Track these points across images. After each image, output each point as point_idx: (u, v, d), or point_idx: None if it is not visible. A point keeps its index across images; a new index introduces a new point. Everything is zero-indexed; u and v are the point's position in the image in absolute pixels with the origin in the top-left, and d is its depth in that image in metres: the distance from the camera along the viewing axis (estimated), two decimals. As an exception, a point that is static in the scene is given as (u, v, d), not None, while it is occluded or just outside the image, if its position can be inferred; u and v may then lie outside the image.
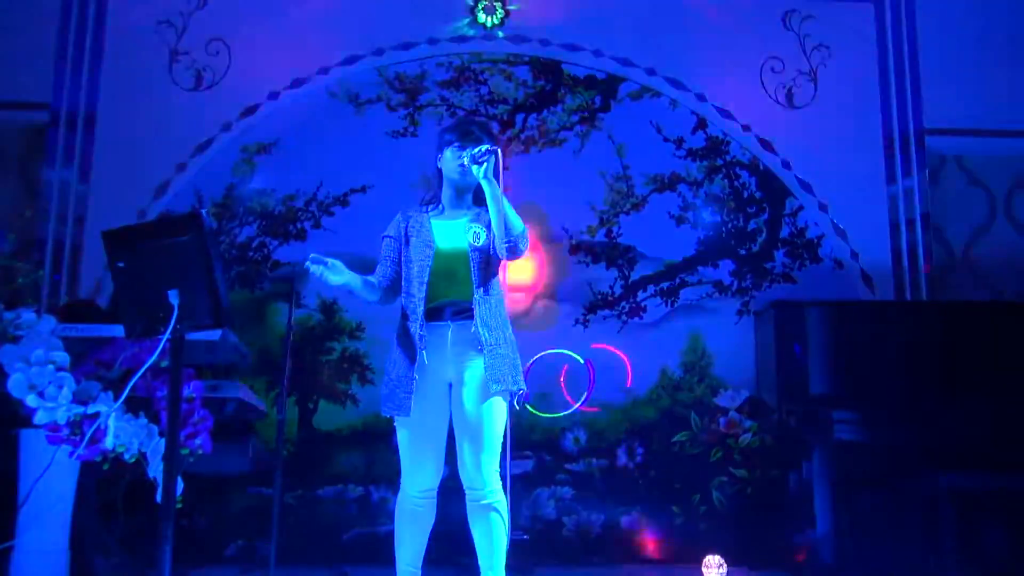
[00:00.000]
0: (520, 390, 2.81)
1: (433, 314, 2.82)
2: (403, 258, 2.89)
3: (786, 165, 5.34)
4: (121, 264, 2.47)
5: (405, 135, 5.28)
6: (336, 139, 5.24)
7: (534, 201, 5.15)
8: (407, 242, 2.88)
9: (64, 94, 5.18)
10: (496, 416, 2.76)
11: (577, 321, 5.15)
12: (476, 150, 2.74)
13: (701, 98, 5.38)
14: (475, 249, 2.83)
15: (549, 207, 5.22)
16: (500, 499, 2.76)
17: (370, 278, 2.93)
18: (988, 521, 4.46)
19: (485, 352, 2.76)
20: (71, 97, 5.17)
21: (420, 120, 5.29)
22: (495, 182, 2.73)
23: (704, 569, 4.25)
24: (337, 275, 2.77)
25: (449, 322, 2.81)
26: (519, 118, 5.37)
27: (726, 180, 5.37)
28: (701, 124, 5.40)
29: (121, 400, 2.66)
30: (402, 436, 2.83)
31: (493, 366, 2.75)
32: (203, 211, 2.33)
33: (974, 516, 4.37)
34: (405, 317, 2.87)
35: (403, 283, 2.89)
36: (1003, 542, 4.44)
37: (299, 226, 5.15)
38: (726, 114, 5.38)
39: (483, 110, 5.34)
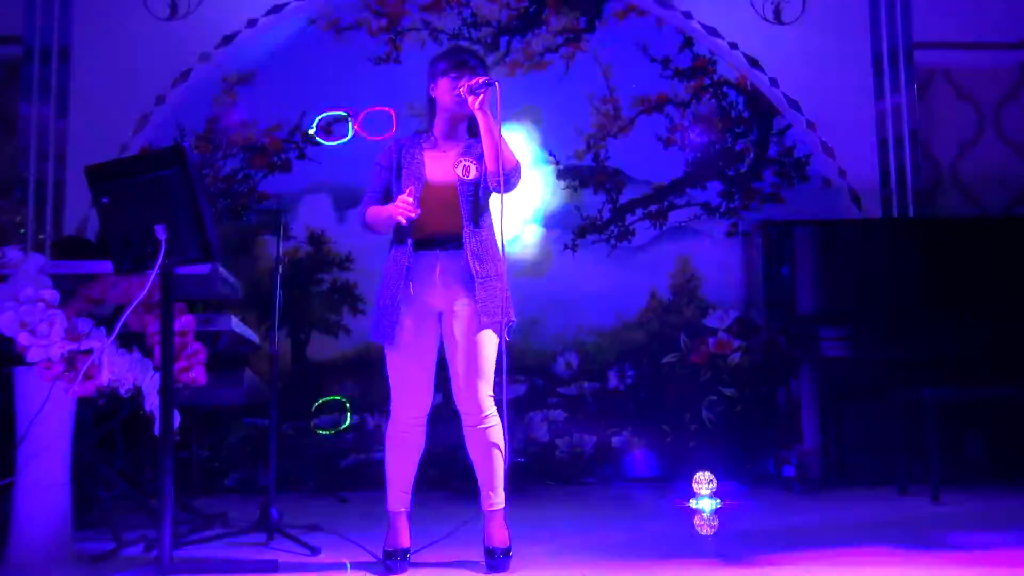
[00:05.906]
0: (511, 322, 2.84)
1: (422, 244, 2.82)
2: (393, 188, 2.88)
3: (774, 83, 5.29)
4: (106, 200, 2.46)
5: (388, 61, 5.19)
6: (318, 67, 5.14)
7: (519, 124, 5.12)
8: (398, 173, 2.86)
9: (36, 26, 5.05)
10: (488, 345, 2.79)
11: (566, 246, 5.15)
12: (474, 81, 2.72)
13: (687, 16, 5.28)
14: (464, 183, 2.82)
15: (535, 131, 5.18)
16: (496, 422, 2.81)
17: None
18: (969, 430, 4.58)
19: (476, 284, 2.78)
20: (44, 30, 5.05)
21: (402, 45, 5.19)
22: (490, 114, 2.71)
23: (695, 486, 4.34)
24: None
25: (438, 251, 2.82)
26: (503, 41, 5.27)
27: (713, 100, 5.32)
28: (687, 43, 5.32)
29: (114, 335, 2.67)
30: (391, 363, 2.86)
31: (484, 299, 2.78)
32: (186, 144, 2.31)
33: (956, 426, 4.48)
34: (394, 246, 2.87)
35: None
36: (982, 450, 4.57)
37: (283, 157, 5.09)
38: (713, 32, 5.29)
39: (466, 33, 5.24)
